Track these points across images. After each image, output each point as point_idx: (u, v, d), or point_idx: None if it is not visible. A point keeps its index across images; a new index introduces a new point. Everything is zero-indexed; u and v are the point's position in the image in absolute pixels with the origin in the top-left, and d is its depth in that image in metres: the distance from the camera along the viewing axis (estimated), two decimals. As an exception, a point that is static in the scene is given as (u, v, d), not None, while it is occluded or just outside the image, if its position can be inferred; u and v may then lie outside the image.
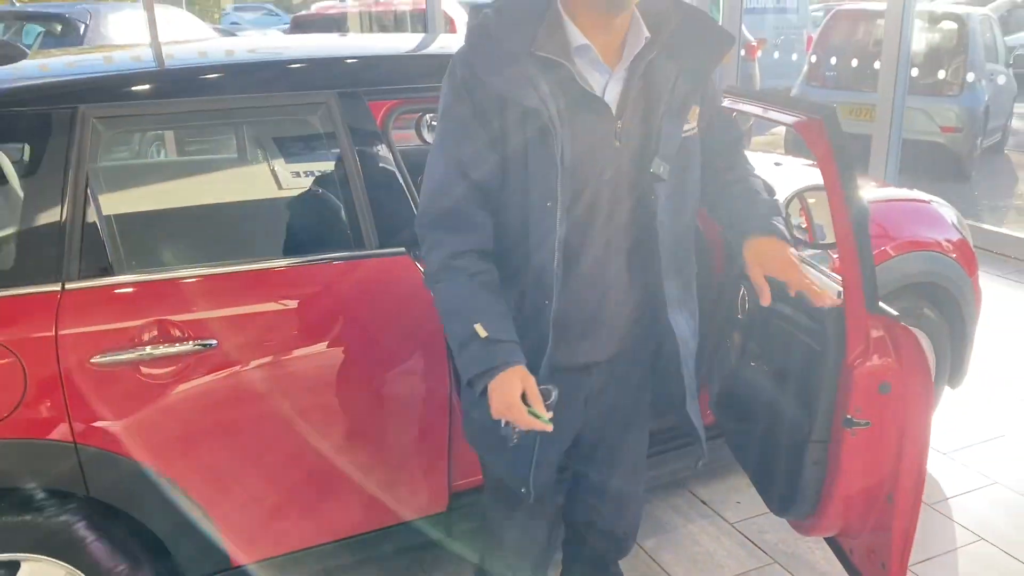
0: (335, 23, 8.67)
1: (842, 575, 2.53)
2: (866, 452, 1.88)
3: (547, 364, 1.63)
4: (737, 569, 2.59)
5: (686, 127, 1.66)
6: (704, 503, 2.90)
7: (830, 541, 2.23)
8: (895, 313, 1.83)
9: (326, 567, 2.31)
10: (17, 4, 7.39)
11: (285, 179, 2.60)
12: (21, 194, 1.92)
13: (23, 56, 2.26)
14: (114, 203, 2.08)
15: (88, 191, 1.91)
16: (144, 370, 1.90)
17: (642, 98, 1.62)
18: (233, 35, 10.74)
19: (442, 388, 2.18)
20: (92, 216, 1.91)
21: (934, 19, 8.53)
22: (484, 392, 1.57)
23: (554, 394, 1.61)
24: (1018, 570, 2.57)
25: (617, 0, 1.52)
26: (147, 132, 2.70)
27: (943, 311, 3.04)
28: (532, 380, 1.57)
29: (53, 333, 1.83)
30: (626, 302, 1.73)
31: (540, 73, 1.52)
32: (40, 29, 7.42)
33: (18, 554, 1.90)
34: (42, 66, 2.24)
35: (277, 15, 22.98)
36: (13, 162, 2.25)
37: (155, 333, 1.90)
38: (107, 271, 1.92)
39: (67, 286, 1.87)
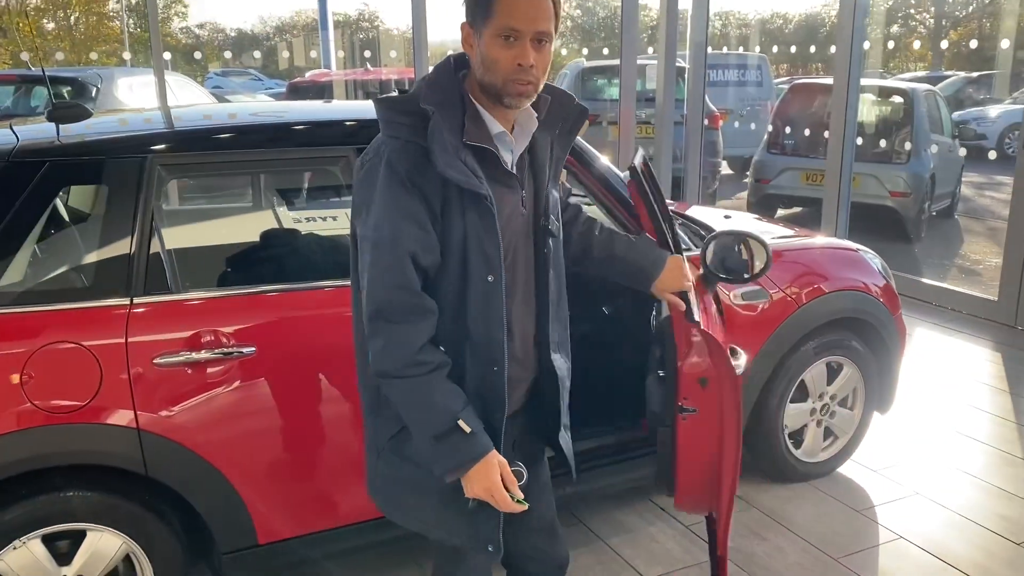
0: (326, 89, 9.23)
1: (780, 565, 2.95)
2: (696, 435, 2.26)
3: (507, 426, 1.77)
4: (690, 561, 2.98)
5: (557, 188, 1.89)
6: (663, 509, 3.30)
7: (708, 518, 2.57)
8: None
9: (330, 551, 2.67)
10: (33, 68, 7.87)
11: (308, 218, 3.05)
12: (98, 225, 2.34)
13: (89, 115, 2.70)
14: (171, 235, 2.51)
15: (152, 224, 2.34)
16: (196, 370, 2.31)
17: (530, 168, 1.83)
18: (225, 99, 11.28)
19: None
20: (156, 245, 2.34)
21: (884, 93, 9.25)
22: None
23: (525, 475, 1.75)
24: (928, 561, 2.98)
25: (519, 101, 1.70)
26: (203, 177, 3.14)
27: (869, 343, 3.50)
28: (506, 465, 1.70)
29: (124, 339, 2.25)
30: (533, 349, 1.90)
31: (474, 159, 1.68)
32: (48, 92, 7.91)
33: (85, 524, 2.27)
34: (121, 121, 2.69)
35: (260, 80, 23.64)
36: (65, 204, 2.68)
37: (205, 340, 2.32)
38: (165, 288, 2.34)
39: (135, 300, 2.29)
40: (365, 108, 3.43)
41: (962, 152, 9.46)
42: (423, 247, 1.66)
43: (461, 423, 1.65)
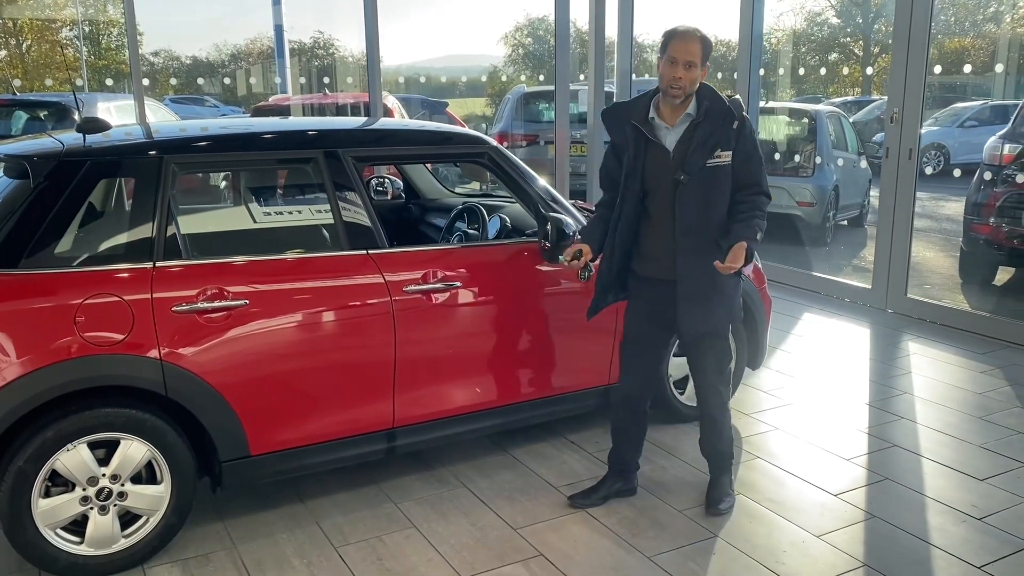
0: (288, 112, 9.98)
1: (662, 478, 3.75)
2: None
3: (625, 269, 3.34)
4: (587, 476, 3.77)
5: (713, 160, 3.10)
6: (572, 442, 4.10)
7: None
8: None
9: (308, 464, 3.41)
10: (18, 95, 8.51)
11: (289, 208, 3.85)
12: (128, 207, 3.09)
13: (110, 128, 3.43)
14: (183, 216, 3.26)
15: (169, 206, 3.09)
16: (203, 317, 3.05)
17: (688, 142, 3.12)
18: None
19: (387, 348, 3.35)
20: (172, 222, 3.09)
21: (793, 115, 10.27)
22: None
23: None
24: (775, 472, 3.82)
25: (671, 100, 3.10)
26: (208, 173, 3.91)
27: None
28: None
29: (149, 293, 2.99)
30: (669, 248, 3.19)
31: (631, 130, 3.18)
32: (26, 116, 8.56)
33: (119, 433, 2.99)
34: (134, 132, 3.45)
35: (217, 106, 24.17)
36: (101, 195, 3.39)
37: (209, 293, 3.07)
38: (179, 256, 3.09)
39: (156, 264, 3.04)
40: (324, 122, 4.25)
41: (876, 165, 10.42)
42: (615, 167, 3.33)
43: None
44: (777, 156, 9.40)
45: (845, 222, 10.43)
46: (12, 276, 2.87)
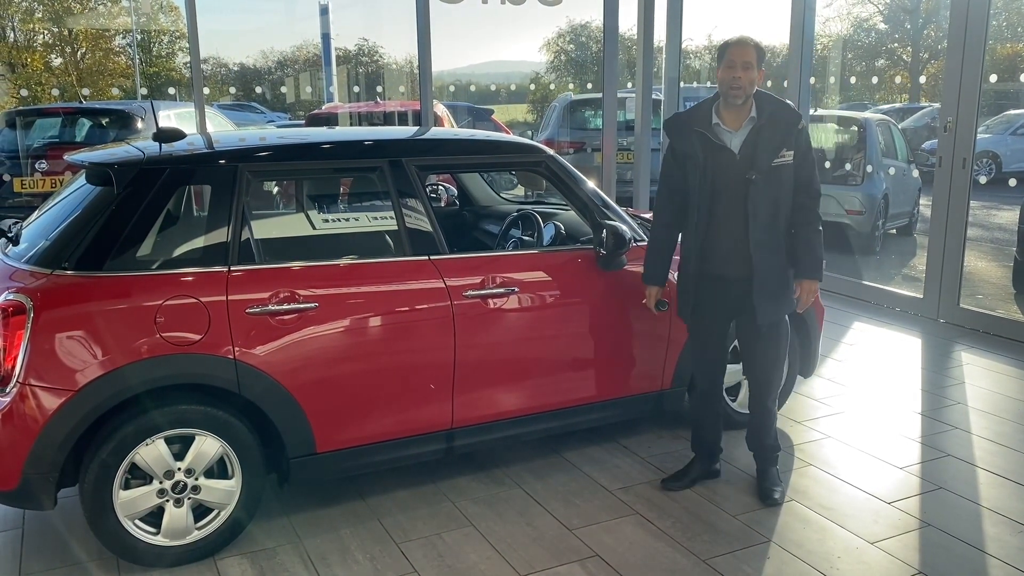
0: (339, 120, 10.17)
1: (714, 482, 3.80)
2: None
3: (699, 272, 3.46)
4: (640, 479, 3.84)
5: (778, 160, 3.30)
6: (625, 447, 4.17)
7: None
8: None
9: (371, 462, 3.52)
10: (85, 102, 8.80)
11: (354, 214, 3.98)
12: (204, 213, 3.23)
13: (184, 137, 3.58)
14: (257, 222, 3.39)
15: (243, 213, 3.23)
16: (275, 319, 3.18)
17: (753, 144, 3.31)
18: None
19: (447, 351, 3.45)
20: (246, 228, 3.22)
21: (842, 123, 10.21)
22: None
23: None
24: (826, 479, 3.84)
25: (731, 101, 3.30)
26: (279, 181, 4.06)
27: (792, 319, 4.36)
28: None
29: (224, 295, 3.12)
30: (741, 245, 3.36)
31: (697, 137, 3.36)
32: (89, 123, 8.86)
33: (194, 429, 3.12)
34: (207, 141, 3.61)
35: (263, 113, 24.58)
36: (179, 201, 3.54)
37: (281, 297, 3.19)
38: (253, 260, 3.22)
39: (232, 268, 3.17)
40: (387, 132, 4.38)
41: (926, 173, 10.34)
42: (671, 179, 3.58)
43: None
44: (827, 164, 9.35)
45: (894, 231, 10.35)
46: (97, 279, 3.02)
